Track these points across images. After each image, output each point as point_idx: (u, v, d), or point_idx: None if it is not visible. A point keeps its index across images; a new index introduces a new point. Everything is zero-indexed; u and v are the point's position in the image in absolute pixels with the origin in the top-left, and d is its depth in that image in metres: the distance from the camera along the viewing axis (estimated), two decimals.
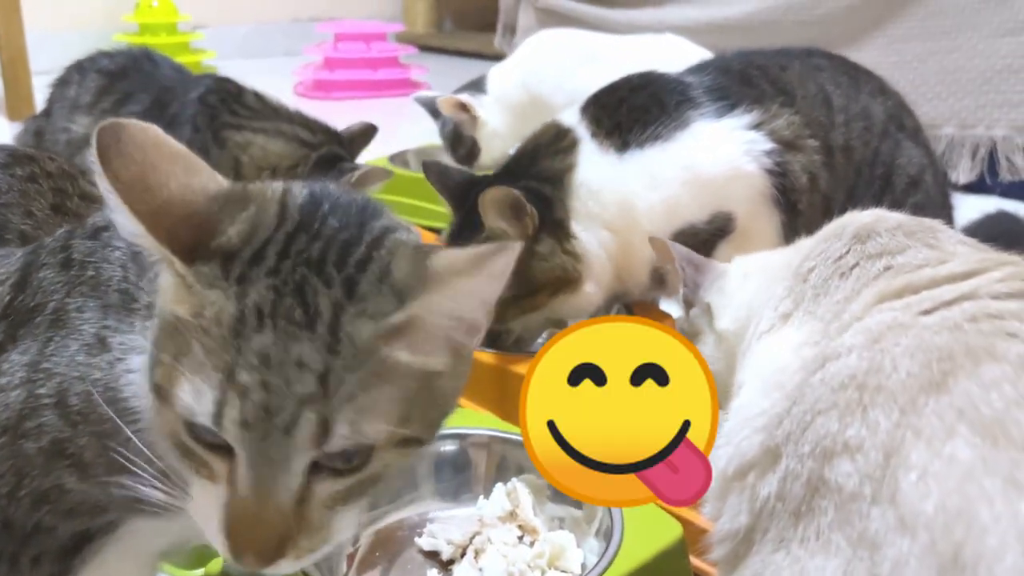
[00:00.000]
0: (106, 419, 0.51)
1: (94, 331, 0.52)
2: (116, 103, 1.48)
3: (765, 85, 1.20)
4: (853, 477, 0.45)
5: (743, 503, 0.53)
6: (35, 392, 0.51)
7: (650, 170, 1.15)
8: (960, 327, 0.48)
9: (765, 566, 0.49)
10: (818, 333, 0.57)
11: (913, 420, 0.45)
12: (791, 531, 0.48)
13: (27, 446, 0.51)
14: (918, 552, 0.41)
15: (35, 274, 0.54)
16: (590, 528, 0.83)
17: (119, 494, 0.52)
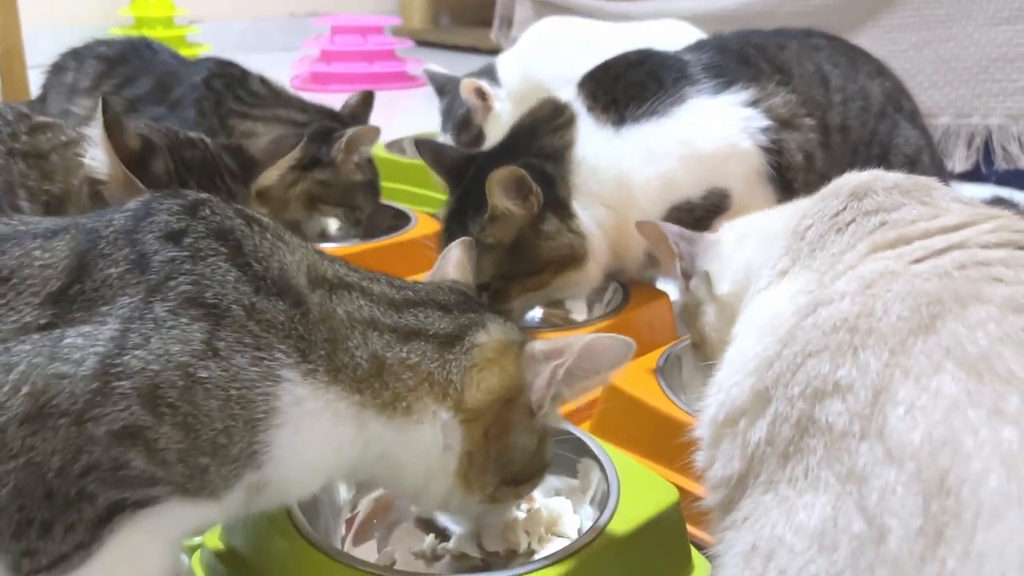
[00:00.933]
0: (206, 413, 0.54)
1: (202, 338, 0.55)
2: (117, 86, 1.49)
3: (763, 64, 1.22)
4: (843, 416, 0.46)
5: (735, 449, 0.54)
6: (112, 383, 0.52)
7: (647, 145, 1.16)
8: (949, 274, 0.50)
9: (755, 507, 0.50)
10: (813, 283, 0.58)
11: (902, 360, 0.46)
12: (779, 472, 0.49)
13: (92, 429, 0.53)
14: (904, 480, 0.42)
15: (97, 266, 0.56)
16: (585, 496, 0.84)
17: (179, 474, 0.55)
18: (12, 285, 0.55)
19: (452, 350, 0.66)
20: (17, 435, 0.51)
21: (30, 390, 0.52)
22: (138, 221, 0.59)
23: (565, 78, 1.89)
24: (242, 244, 0.60)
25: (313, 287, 0.63)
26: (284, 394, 0.58)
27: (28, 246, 0.57)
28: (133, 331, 0.54)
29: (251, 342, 0.57)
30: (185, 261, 0.57)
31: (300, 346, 0.59)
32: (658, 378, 0.99)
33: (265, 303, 0.59)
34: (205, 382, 0.55)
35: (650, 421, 0.95)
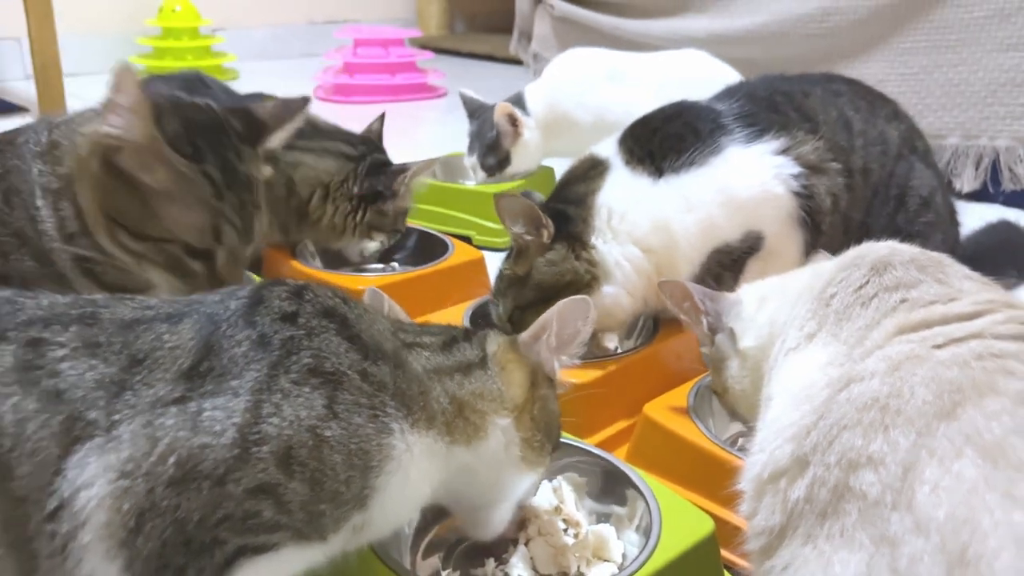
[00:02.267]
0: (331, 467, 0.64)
1: (323, 403, 0.64)
2: None
3: (790, 111, 1.29)
4: (876, 486, 0.54)
5: (776, 504, 0.62)
6: (251, 449, 0.61)
7: (686, 193, 1.24)
8: (968, 363, 0.58)
9: (794, 557, 0.58)
10: (842, 356, 0.66)
11: (928, 441, 0.54)
12: (818, 528, 0.57)
13: (232, 488, 0.61)
14: (931, 550, 0.50)
15: (223, 346, 0.64)
16: (631, 524, 0.92)
17: (299, 520, 0.63)
18: (146, 365, 0.63)
19: (488, 368, 0.78)
20: (165, 496, 0.60)
21: (176, 459, 0.60)
22: (254, 306, 0.68)
23: (588, 108, 1.98)
24: (347, 319, 0.69)
25: (401, 347, 0.72)
26: (396, 443, 0.68)
27: (158, 330, 0.65)
28: (264, 402, 0.62)
29: (366, 402, 0.66)
30: (303, 338, 0.66)
31: (404, 401, 0.69)
32: (690, 410, 1.08)
33: (374, 368, 0.68)
34: (330, 440, 0.64)
35: (683, 451, 1.03)
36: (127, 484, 0.59)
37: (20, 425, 0.58)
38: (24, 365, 0.60)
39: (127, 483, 0.59)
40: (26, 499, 0.58)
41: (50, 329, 0.63)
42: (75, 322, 0.64)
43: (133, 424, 0.60)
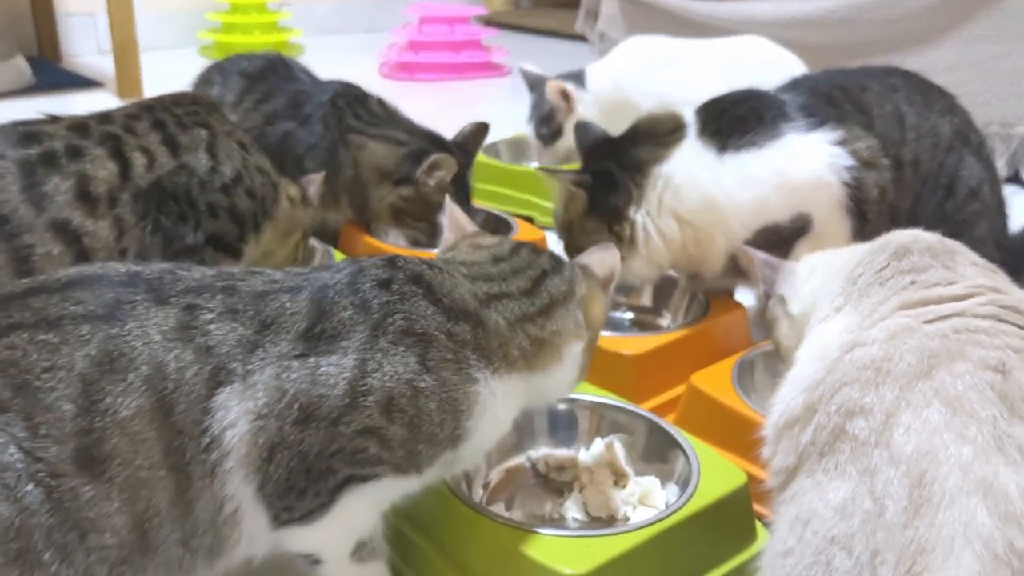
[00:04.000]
0: (426, 414, 0.81)
1: (416, 360, 0.81)
2: (256, 102, 1.76)
3: (847, 105, 1.42)
4: (865, 430, 0.70)
5: (791, 447, 0.78)
6: (359, 399, 0.79)
7: (744, 172, 1.38)
8: (947, 336, 0.74)
9: (798, 488, 0.74)
10: (855, 324, 0.82)
11: (907, 395, 0.70)
12: (817, 464, 0.73)
13: (343, 429, 0.79)
14: (899, 476, 0.66)
15: (332, 311, 0.82)
16: (672, 478, 1.09)
17: (399, 457, 0.82)
18: (273, 329, 0.81)
19: (571, 303, 0.94)
20: (291, 433, 0.78)
21: (300, 406, 0.78)
22: (355, 275, 0.85)
23: (650, 94, 2.13)
24: (431, 284, 0.86)
25: (480, 307, 0.89)
26: (481, 390, 0.84)
27: (282, 300, 0.82)
28: (368, 360, 0.80)
29: (452, 358, 0.83)
30: (396, 303, 0.83)
31: (485, 354, 0.85)
32: (733, 381, 1.24)
33: (456, 327, 0.84)
34: (424, 391, 0.81)
35: (725, 417, 1.19)
36: (262, 424, 0.77)
37: (180, 372, 0.76)
38: (183, 325, 0.78)
39: (262, 423, 0.77)
40: (183, 431, 0.76)
41: (202, 296, 0.81)
42: (220, 292, 0.82)
43: (265, 374, 0.78)
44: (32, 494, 0.70)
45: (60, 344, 0.74)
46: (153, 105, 1.27)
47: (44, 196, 1.10)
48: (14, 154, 1.11)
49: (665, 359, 1.36)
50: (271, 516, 0.81)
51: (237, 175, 1.26)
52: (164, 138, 1.22)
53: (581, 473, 1.11)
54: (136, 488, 0.74)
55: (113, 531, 0.73)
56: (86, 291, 0.78)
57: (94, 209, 1.13)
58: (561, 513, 1.07)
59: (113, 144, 1.18)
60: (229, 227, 1.26)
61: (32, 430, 0.71)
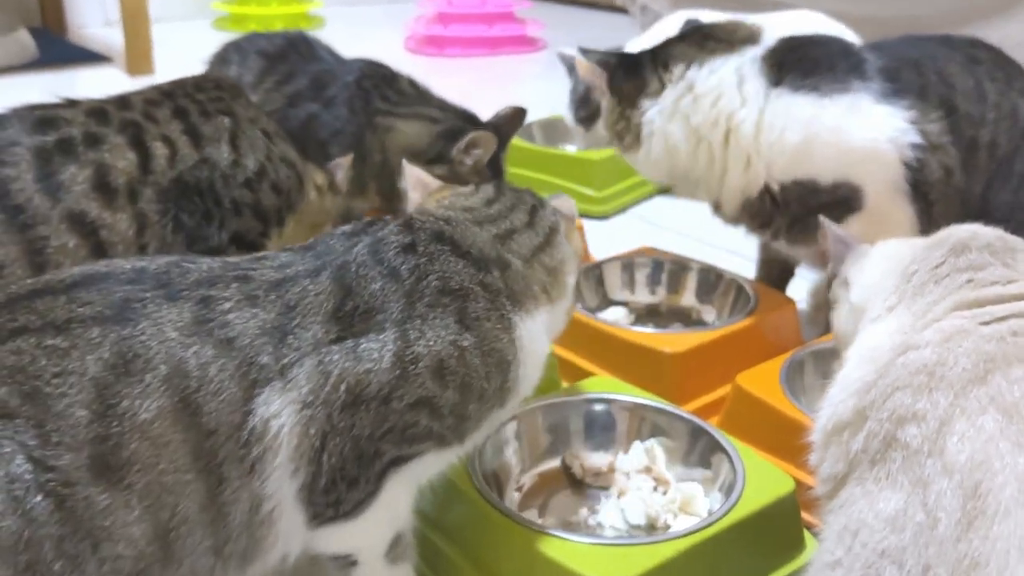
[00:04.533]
0: (474, 370, 0.87)
1: (456, 318, 0.87)
2: (277, 83, 1.79)
3: (932, 75, 1.41)
4: (917, 438, 0.72)
5: (840, 454, 0.80)
6: (409, 368, 0.83)
7: (793, 114, 1.38)
8: (1004, 339, 0.76)
9: (848, 497, 0.76)
10: (908, 325, 0.84)
11: (961, 401, 0.72)
12: (867, 473, 0.75)
13: (395, 404, 0.83)
14: (952, 487, 0.68)
15: (360, 285, 0.86)
16: (715, 484, 1.11)
17: (447, 426, 0.86)
18: (299, 311, 0.84)
19: (561, 229, 1.03)
20: (341, 418, 0.82)
21: (347, 387, 0.82)
22: (375, 245, 0.89)
23: None
24: (455, 238, 0.91)
25: (501, 250, 0.94)
26: (520, 333, 0.92)
27: (303, 283, 0.85)
28: (410, 329, 0.84)
29: (490, 307, 0.89)
30: (426, 264, 0.88)
31: (516, 297, 0.93)
32: (782, 382, 1.26)
33: (488, 277, 0.91)
34: (469, 348, 0.86)
35: (772, 420, 1.21)
36: (310, 413, 0.81)
37: (203, 369, 0.79)
38: (199, 319, 0.81)
39: (310, 412, 0.81)
40: (216, 431, 0.78)
41: (216, 287, 0.84)
42: (234, 281, 0.85)
43: (304, 366, 0.82)
44: (41, 505, 0.72)
45: (70, 349, 0.76)
46: (174, 90, 1.30)
47: (60, 186, 1.13)
48: (29, 141, 1.14)
49: (709, 358, 1.38)
50: (312, 515, 0.85)
51: (261, 168, 1.29)
52: (186, 127, 1.25)
53: (619, 478, 1.14)
54: (159, 495, 0.76)
55: (129, 541, 0.75)
56: (92, 291, 0.81)
57: (112, 201, 1.16)
58: (598, 520, 1.10)
59: (133, 132, 1.20)
60: (253, 224, 1.29)
61: (43, 438, 0.73)
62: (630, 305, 1.61)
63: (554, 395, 1.21)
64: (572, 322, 1.39)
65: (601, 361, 1.41)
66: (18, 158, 1.13)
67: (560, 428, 1.18)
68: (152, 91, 1.30)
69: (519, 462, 1.15)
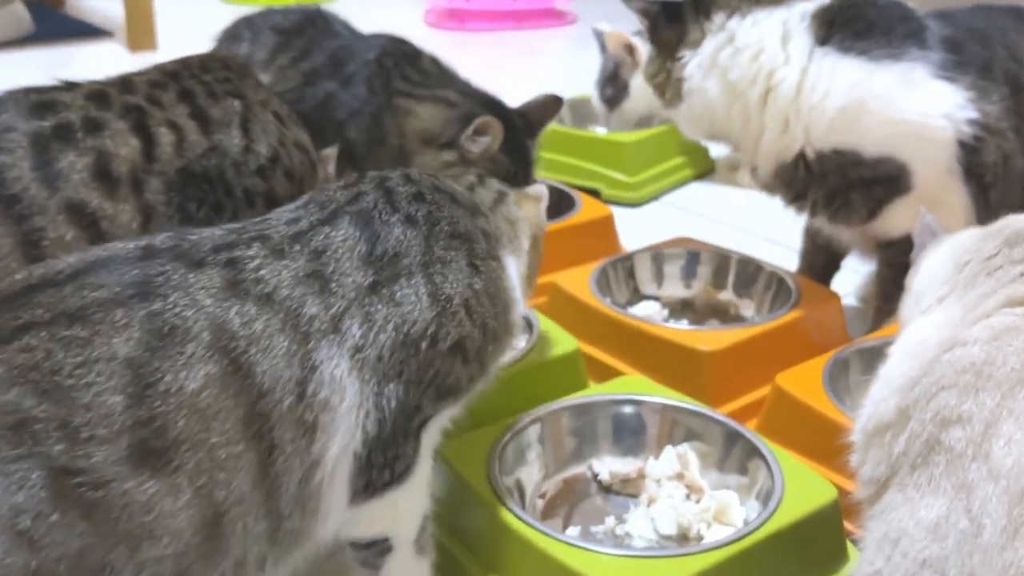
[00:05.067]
0: (489, 308, 0.97)
1: (466, 261, 0.97)
2: (293, 60, 1.79)
3: (999, 49, 1.41)
4: (962, 441, 0.74)
5: (882, 456, 0.81)
6: (446, 307, 0.93)
7: (839, 76, 1.38)
8: None
9: (888, 503, 0.78)
10: (956, 319, 0.85)
11: (1009, 403, 0.73)
12: (908, 477, 0.77)
13: (440, 346, 0.92)
14: (998, 493, 0.69)
15: (384, 231, 0.94)
16: (752, 492, 1.13)
17: (471, 372, 0.97)
18: (330, 256, 0.90)
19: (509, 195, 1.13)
20: (392, 363, 0.89)
21: (395, 326, 0.89)
22: (389, 195, 0.97)
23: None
24: (449, 190, 1.02)
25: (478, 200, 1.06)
26: (511, 272, 1.04)
27: (324, 231, 0.92)
28: (434, 273, 0.93)
29: (489, 248, 1.00)
30: (435, 211, 0.97)
31: (500, 241, 1.04)
32: (824, 382, 1.27)
33: (482, 222, 1.02)
34: (480, 290, 0.97)
35: (814, 423, 1.22)
36: (363, 356, 0.87)
37: (248, 327, 0.82)
38: (232, 281, 0.85)
39: (362, 355, 0.87)
40: (271, 391, 0.82)
41: (237, 249, 0.88)
42: (254, 240, 0.90)
43: (354, 314, 0.88)
44: (58, 524, 0.73)
45: (91, 336, 0.78)
46: (179, 71, 1.30)
47: (58, 174, 1.13)
48: (26, 126, 1.15)
49: (747, 356, 1.40)
50: (365, 483, 0.89)
51: (274, 154, 1.30)
52: (193, 111, 1.25)
53: (649, 485, 1.16)
54: (211, 472, 0.78)
55: (174, 535, 0.77)
56: (102, 275, 0.83)
57: (114, 191, 1.16)
58: (626, 530, 1.12)
59: (136, 117, 1.21)
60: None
61: (70, 437, 0.74)
62: (663, 300, 1.63)
63: (580, 396, 1.23)
64: (600, 317, 1.44)
65: (631, 359, 1.43)
66: (14, 144, 1.14)
67: (586, 431, 1.20)
68: (156, 72, 1.30)
69: (542, 467, 1.17)
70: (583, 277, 1.55)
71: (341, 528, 0.91)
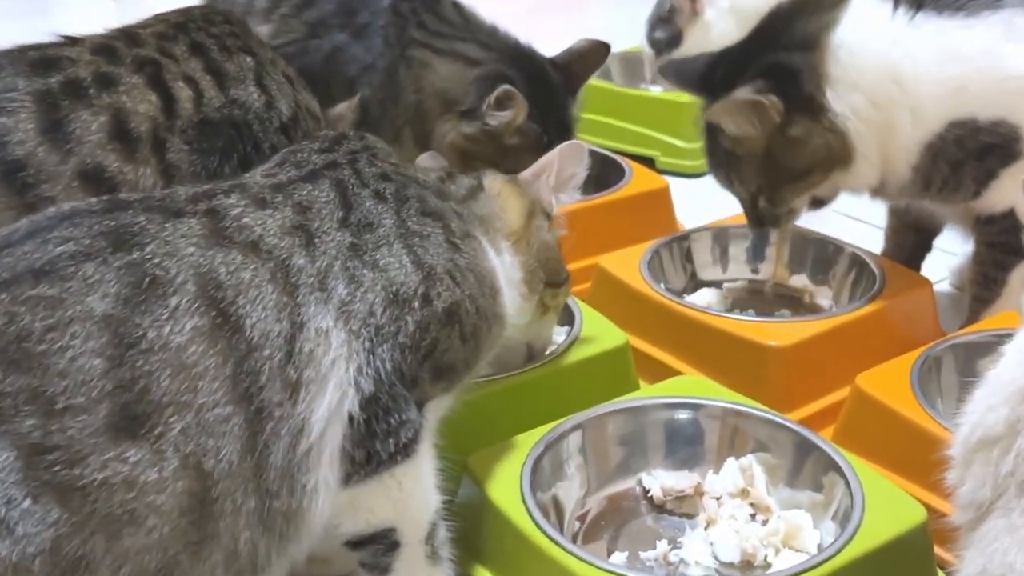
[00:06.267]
0: (475, 286, 1.02)
1: (443, 236, 1.02)
2: (296, 8, 1.78)
3: None
4: None
5: (987, 476, 0.79)
6: (432, 273, 0.98)
7: (943, 42, 1.38)
8: None
9: (990, 530, 0.75)
10: None
11: None
12: (1015, 501, 0.74)
13: (436, 303, 0.97)
14: None
15: (357, 200, 0.99)
16: (827, 512, 1.11)
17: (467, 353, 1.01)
18: (314, 212, 0.95)
19: (485, 194, 1.16)
20: (386, 319, 0.93)
21: (383, 286, 0.93)
22: (355, 168, 1.03)
23: None
24: (411, 174, 1.09)
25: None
26: (492, 259, 1.09)
27: (306, 187, 0.98)
28: (414, 244, 0.98)
29: (464, 228, 1.06)
30: (401, 188, 1.03)
31: (480, 225, 1.11)
32: (913, 383, 1.25)
33: (455, 204, 1.09)
34: (465, 266, 1.02)
35: (900, 431, 1.20)
36: (349, 309, 0.91)
37: (235, 275, 0.84)
38: (213, 229, 0.87)
39: (348, 308, 0.91)
40: (260, 346, 0.83)
41: (216, 199, 0.91)
42: (232, 190, 0.93)
43: (339, 279, 0.91)
44: (31, 512, 0.73)
45: (62, 295, 0.78)
46: (185, 23, 1.31)
47: (70, 136, 1.14)
48: (27, 84, 1.14)
49: (823, 353, 1.38)
50: (364, 456, 0.91)
51: (294, 115, 1.31)
52: (207, 65, 1.26)
53: (708, 504, 1.14)
54: (198, 438, 0.79)
55: (161, 515, 0.77)
56: (66, 230, 0.83)
57: (134, 152, 1.16)
58: (680, 557, 1.10)
59: (152, 71, 1.22)
60: None
61: (46, 410, 0.75)
62: (725, 286, 1.62)
63: (628, 399, 1.22)
64: (653, 307, 1.43)
65: (688, 356, 1.42)
66: (16, 105, 1.13)
67: (635, 440, 1.19)
68: (160, 24, 1.31)
69: (584, 482, 1.15)
70: (633, 260, 1.54)
71: (337, 518, 0.92)
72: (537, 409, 1.15)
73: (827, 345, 1.38)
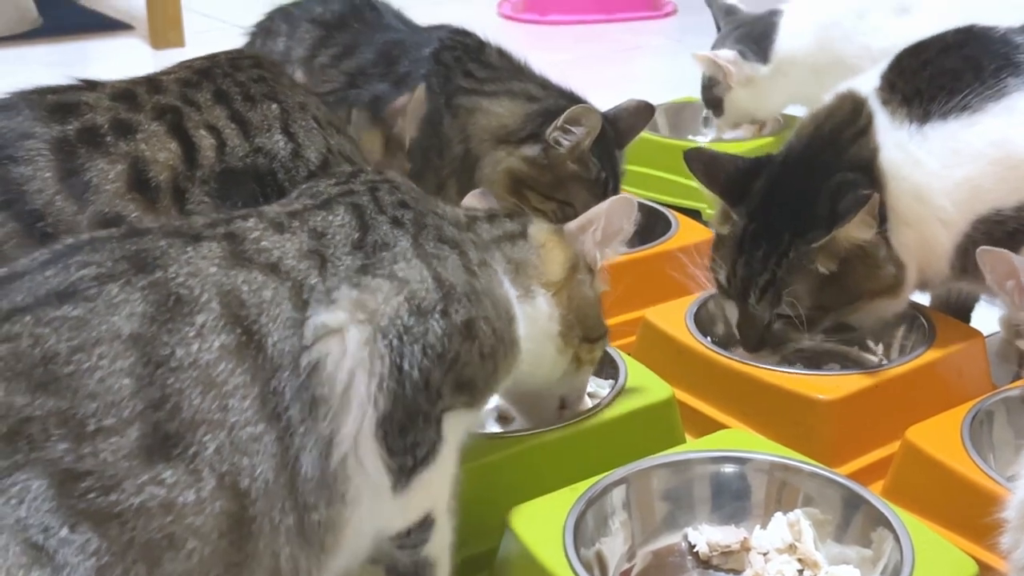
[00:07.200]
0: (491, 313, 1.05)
1: (460, 261, 1.05)
2: (335, 57, 1.82)
3: None
4: None
5: None
6: (451, 291, 1.00)
7: (952, 145, 1.41)
8: None
9: None
10: None
11: None
12: None
13: (454, 316, 0.99)
14: None
15: (374, 224, 1.02)
16: (876, 567, 1.13)
17: (486, 373, 1.04)
18: (329, 239, 0.98)
19: (528, 241, 1.19)
20: (408, 327, 0.95)
21: (403, 298, 0.96)
22: (374, 193, 1.06)
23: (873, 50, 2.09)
24: (432, 204, 1.12)
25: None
26: (508, 291, 1.11)
27: (321, 214, 1.01)
28: (434, 263, 1.01)
29: (482, 258, 1.09)
30: (420, 216, 1.06)
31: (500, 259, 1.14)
32: (964, 437, 1.26)
33: (471, 235, 1.12)
34: (482, 291, 1.05)
35: (951, 486, 1.21)
36: (363, 317, 0.93)
37: (257, 294, 0.88)
38: (233, 252, 0.91)
39: (364, 315, 0.93)
40: (282, 365, 0.87)
41: (233, 224, 0.95)
42: (249, 216, 0.97)
43: (349, 290, 0.94)
44: (71, 539, 0.74)
45: (86, 315, 0.81)
46: (210, 69, 1.32)
47: (87, 185, 1.15)
48: (46, 131, 1.16)
49: (872, 406, 1.40)
50: (397, 465, 0.95)
51: (324, 161, 1.31)
52: (231, 114, 1.27)
53: (755, 559, 1.16)
54: (232, 457, 0.82)
55: (200, 536, 0.79)
56: (86, 255, 0.87)
57: (154, 202, 1.17)
58: None
59: (173, 119, 1.23)
60: None
61: (77, 432, 0.76)
62: None
63: (674, 452, 1.24)
64: (699, 359, 1.45)
65: (735, 410, 1.44)
66: (33, 153, 1.14)
67: (681, 494, 1.21)
68: (183, 70, 1.33)
69: (628, 537, 1.17)
70: (679, 312, 1.57)
71: (383, 521, 0.98)
72: (581, 462, 1.17)
73: (876, 398, 1.40)
